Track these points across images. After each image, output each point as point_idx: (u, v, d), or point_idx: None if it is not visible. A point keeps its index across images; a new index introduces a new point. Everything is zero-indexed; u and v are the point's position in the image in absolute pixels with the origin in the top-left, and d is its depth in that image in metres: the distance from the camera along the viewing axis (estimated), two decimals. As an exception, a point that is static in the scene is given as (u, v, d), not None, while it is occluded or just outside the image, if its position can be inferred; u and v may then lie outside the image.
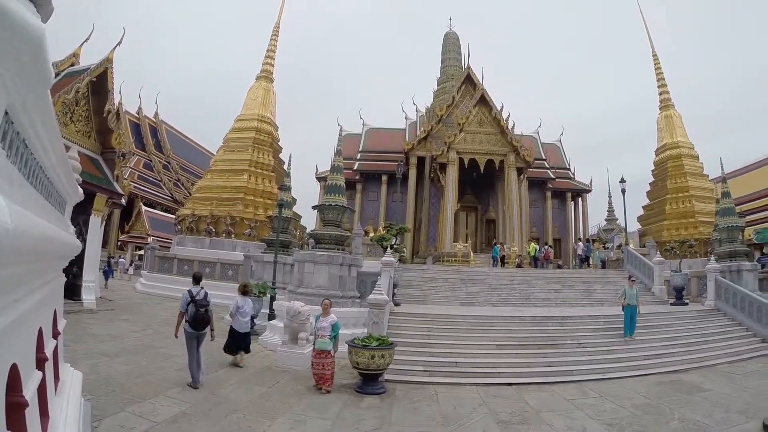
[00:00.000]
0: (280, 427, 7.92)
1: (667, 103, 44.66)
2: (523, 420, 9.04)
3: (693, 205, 39.29)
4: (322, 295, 15.65)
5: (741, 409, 9.99)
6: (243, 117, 37.89)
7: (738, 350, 16.78)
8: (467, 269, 28.94)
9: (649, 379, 13.03)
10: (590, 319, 17.96)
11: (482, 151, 39.69)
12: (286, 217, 24.13)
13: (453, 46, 52.69)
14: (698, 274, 25.51)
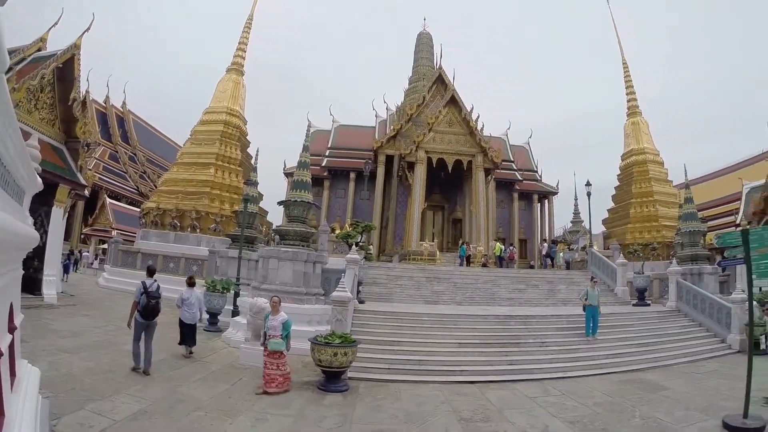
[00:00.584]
0: (241, 425, 7.89)
1: (634, 110, 45.38)
2: (486, 418, 9.11)
3: (657, 210, 39.99)
4: (286, 292, 15.61)
5: (701, 407, 10.19)
6: (211, 110, 37.30)
7: (698, 350, 17.19)
8: (433, 268, 29.04)
9: (611, 378, 13.25)
10: (553, 318, 18.24)
11: (451, 151, 39.78)
12: (252, 213, 23.94)
13: (426, 46, 52.70)
14: (660, 276, 26.05)
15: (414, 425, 8.49)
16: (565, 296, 25.07)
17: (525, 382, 12.41)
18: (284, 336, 10.38)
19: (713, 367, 14.90)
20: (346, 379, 11.10)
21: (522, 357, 14.21)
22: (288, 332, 10.53)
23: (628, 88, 46.46)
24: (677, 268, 23.37)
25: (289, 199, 17.72)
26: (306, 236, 17.52)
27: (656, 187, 41.57)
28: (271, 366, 10.08)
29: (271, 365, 10.08)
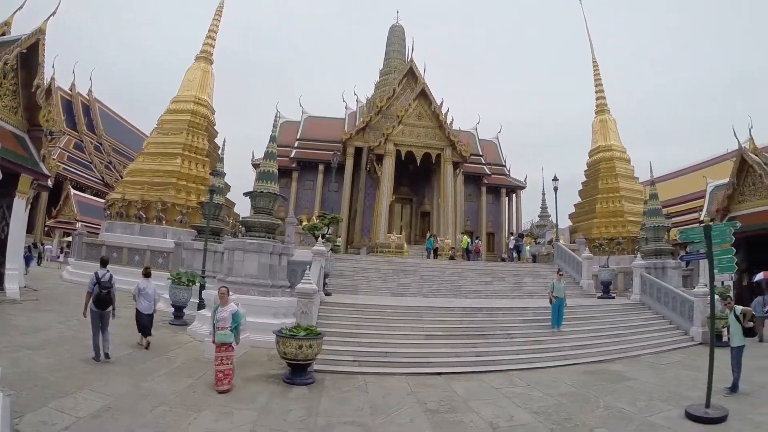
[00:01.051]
0: (205, 419, 7.79)
1: (603, 107, 45.94)
2: (451, 409, 9.17)
3: (622, 205, 40.60)
4: (251, 284, 15.51)
5: (664, 397, 10.39)
6: (179, 98, 36.52)
7: (661, 342, 17.55)
8: (400, 260, 29.06)
9: (575, 369, 13.45)
10: (519, 310, 18.42)
11: (420, 144, 39.84)
12: (218, 204, 23.65)
13: (398, 39, 52.47)
14: (625, 270, 26.46)
15: (379, 417, 8.47)
16: (531, 289, 25.27)
17: (491, 373, 12.51)
18: (234, 328, 10.05)
19: (677, 359, 15.19)
20: (311, 371, 11.04)
21: (488, 348, 14.30)
22: (238, 324, 10.19)
23: (597, 87, 47.02)
24: (641, 262, 23.89)
25: (255, 190, 17.52)
26: (272, 228, 17.40)
27: (622, 183, 42.22)
28: (218, 360, 9.72)
29: (218, 359, 9.70)
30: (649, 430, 8.25)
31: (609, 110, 45.72)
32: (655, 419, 8.81)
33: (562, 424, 8.43)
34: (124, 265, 25.27)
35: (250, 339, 13.43)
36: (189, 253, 22.90)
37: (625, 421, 8.72)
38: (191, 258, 22.31)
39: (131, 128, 79.91)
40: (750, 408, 9.54)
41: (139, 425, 7.27)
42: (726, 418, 8.66)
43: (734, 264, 9.59)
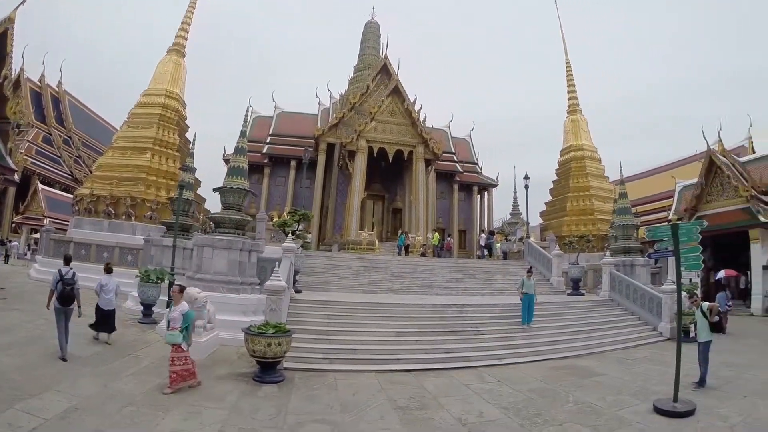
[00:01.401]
0: (173, 419, 7.68)
1: (575, 107, 46.54)
2: (421, 406, 9.17)
3: (593, 204, 41.15)
4: (221, 281, 15.37)
5: (632, 392, 10.51)
6: (150, 92, 35.93)
7: (630, 338, 17.77)
8: (371, 257, 29.00)
9: (545, 365, 13.54)
10: (489, 307, 18.50)
11: (392, 141, 39.81)
12: (188, 200, 23.28)
13: (373, 35, 52.28)
14: (594, 267, 26.81)
15: (349, 414, 8.44)
16: (501, 286, 25.44)
17: (461, 369, 12.56)
18: (184, 328, 9.67)
19: (645, 354, 15.39)
20: (281, 369, 10.98)
21: (458, 345, 14.33)
22: (188, 324, 9.79)
23: (570, 87, 47.60)
24: (611, 259, 24.19)
25: (225, 186, 17.39)
26: (242, 224, 17.28)
27: (593, 182, 42.79)
28: (170, 361, 9.42)
29: (169, 360, 9.43)
30: (617, 425, 8.29)
31: (581, 110, 46.31)
32: (623, 413, 8.90)
33: (531, 420, 8.47)
34: (93, 263, 24.70)
35: (220, 337, 13.34)
36: (158, 249, 22.52)
37: (594, 415, 8.79)
38: (160, 255, 21.96)
39: (101, 121, 78.38)
40: (717, 402, 9.67)
41: (107, 426, 7.15)
42: (694, 411, 8.78)
43: (701, 262, 9.71)
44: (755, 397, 10.07)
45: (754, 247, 29.60)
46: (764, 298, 27.90)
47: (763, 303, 27.77)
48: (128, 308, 18.04)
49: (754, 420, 8.52)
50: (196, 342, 11.81)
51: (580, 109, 46.47)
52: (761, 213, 29.63)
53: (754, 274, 29.27)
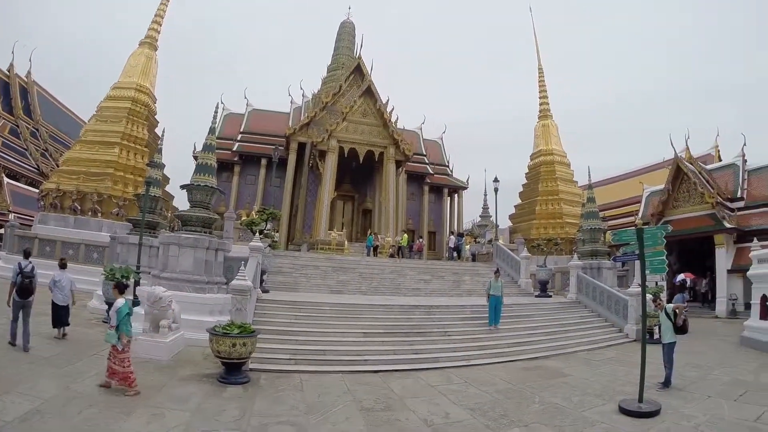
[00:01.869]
0: (136, 421, 7.51)
1: (546, 113, 47.19)
2: (387, 407, 9.14)
3: (561, 208, 41.71)
4: (187, 281, 15.14)
5: (598, 392, 10.62)
6: (120, 85, 35.28)
7: (597, 339, 18.02)
8: (339, 257, 28.96)
9: (512, 366, 13.63)
10: (457, 308, 18.63)
11: (363, 142, 39.74)
12: (155, 196, 22.98)
13: (348, 35, 51.99)
14: (562, 269, 27.19)
15: (314, 416, 8.37)
16: (470, 287, 25.59)
17: (428, 370, 12.56)
18: (118, 326, 9.03)
19: (611, 355, 15.57)
20: (246, 370, 10.85)
21: (426, 346, 14.37)
22: (118, 323, 9.03)
23: (542, 93, 48.24)
24: (578, 262, 24.54)
25: (192, 183, 17.12)
26: (209, 222, 17.04)
27: (562, 186, 43.37)
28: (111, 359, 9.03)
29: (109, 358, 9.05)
30: (583, 425, 8.34)
31: (552, 116, 46.93)
32: (589, 414, 8.97)
33: (497, 421, 8.47)
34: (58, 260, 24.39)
35: (186, 337, 13.13)
36: (124, 247, 22.17)
37: (560, 416, 8.82)
38: (126, 253, 21.61)
39: (70, 114, 76.39)
40: (682, 402, 9.79)
41: (68, 428, 6.97)
42: (659, 412, 8.88)
43: (665, 266, 9.82)
44: (719, 397, 10.20)
45: (719, 252, 30.29)
46: (729, 301, 28.51)
47: (727, 306, 28.39)
48: (93, 307, 17.71)
49: (718, 420, 8.60)
50: (160, 342, 11.68)
51: (551, 115, 47.10)
52: (726, 219, 30.42)
53: (718, 278, 29.96)
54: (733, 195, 33.61)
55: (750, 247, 21.82)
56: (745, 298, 25.04)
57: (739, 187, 33.82)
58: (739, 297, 27.99)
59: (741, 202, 32.89)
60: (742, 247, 28.86)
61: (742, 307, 26.65)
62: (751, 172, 34.48)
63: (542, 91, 48.38)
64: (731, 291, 28.82)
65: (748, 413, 8.96)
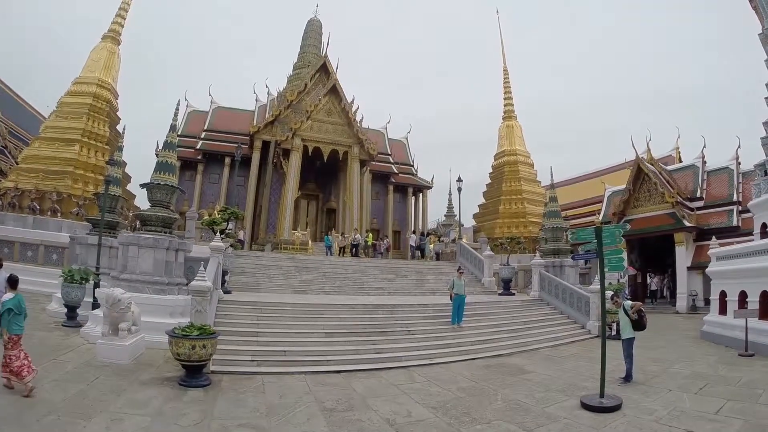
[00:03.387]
0: (96, 426, 7.33)
1: (510, 114, 47.79)
2: (349, 407, 9.11)
3: (524, 207, 42.28)
4: (147, 282, 14.87)
5: (561, 388, 10.77)
6: (81, 80, 34.43)
7: (560, 335, 18.31)
8: (302, 257, 28.72)
9: (476, 363, 13.75)
10: (420, 307, 18.66)
11: (327, 141, 39.64)
12: (115, 195, 22.53)
13: (315, 33, 51.48)
14: (525, 268, 27.55)
15: (275, 418, 8.30)
16: (433, 286, 25.67)
17: (391, 370, 12.60)
18: None
19: (574, 351, 15.81)
20: (207, 372, 10.71)
21: (389, 345, 14.38)
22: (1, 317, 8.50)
23: (506, 94, 48.84)
24: (540, 260, 24.97)
25: (152, 182, 16.78)
26: (169, 222, 16.72)
27: (525, 186, 43.96)
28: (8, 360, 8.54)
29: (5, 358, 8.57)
30: (545, 421, 8.40)
31: (516, 116, 47.41)
32: (551, 410, 9.07)
33: (459, 419, 8.50)
34: (16, 262, 23.56)
35: (146, 340, 12.87)
36: (84, 248, 21.64)
37: (522, 412, 8.90)
38: (86, 254, 21.12)
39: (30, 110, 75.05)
40: (643, 396, 9.96)
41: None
42: (620, 406, 9.02)
43: (623, 264, 9.97)
44: (680, 391, 10.40)
45: (679, 250, 31.08)
46: (689, 297, 29.22)
47: (687, 302, 29.24)
48: (52, 311, 17.31)
49: (679, 413, 8.73)
50: (119, 345, 11.44)
51: (516, 116, 47.66)
52: (686, 218, 31.26)
53: (679, 275, 30.93)
54: (693, 195, 34.63)
55: (709, 245, 22.28)
56: (705, 294, 25.72)
57: (699, 187, 34.92)
58: (699, 293, 28.67)
59: (700, 202, 33.91)
60: (701, 245, 29.60)
61: (702, 303, 27.28)
62: (711, 172, 35.66)
63: (507, 93, 48.92)
64: (691, 287, 29.62)
65: (708, 406, 9.11)
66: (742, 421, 8.13)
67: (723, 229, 30.40)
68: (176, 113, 18.42)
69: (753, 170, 23.14)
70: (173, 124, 17.90)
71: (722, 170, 35.14)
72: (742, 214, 30.38)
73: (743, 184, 32.32)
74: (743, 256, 17.46)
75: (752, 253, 16.90)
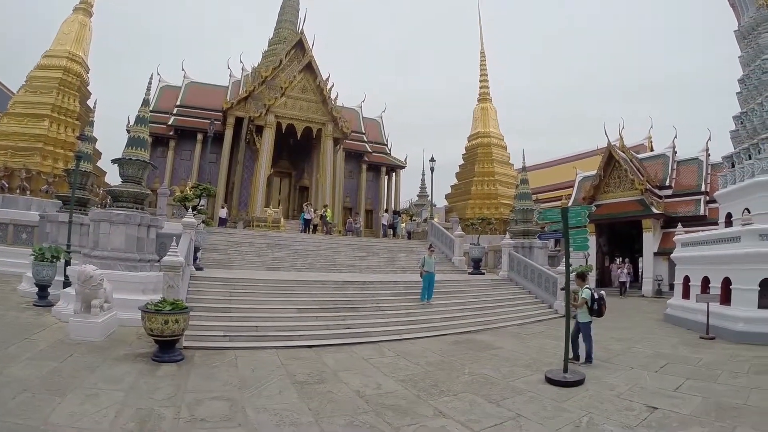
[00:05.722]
0: (71, 402, 7.33)
1: (485, 96, 48.03)
2: (320, 380, 9.24)
3: (497, 189, 42.75)
4: (118, 258, 14.76)
5: (526, 363, 11.07)
6: (52, 53, 33.74)
7: (527, 314, 18.72)
8: (275, 234, 28.77)
9: (445, 339, 14.01)
10: (391, 284, 18.93)
11: (301, 118, 39.49)
12: (85, 172, 22.18)
13: (291, 8, 50.51)
14: (495, 248, 27.98)
15: (248, 391, 8.39)
16: (404, 264, 25.91)
17: (362, 345, 12.77)
18: None
19: (540, 329, 16.17)
20: (180, 348, 10.75)
21: (359, 321, 14.61)
22: None
23: (483, 77, 49.07)
24: (510, 241, 25.26)
25: (123, 158, 16.46)
26: (141, 198, 16.51)
27: (498, 168, 44.41)
28: None
29: None
30: (510, 394, 8.62)
31: (491, 99, 47.55)
32: (517, 384, 9.31)
33: (427, 391, 8.68)
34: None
35: (119, 317, 12.81)
36: (54, 226, 21.31)
37: (488, 386, 9.12)
38: (56, 232, 20.81)
39: (1, 86, 73.64)
40: (606, 373, 10.29)
41: (2, 414, 6.76)
42: (583, 381, 9.33)
43: (587, 243, 10.21)
44: (641, 369, 10.74)
45: (647, 236, 31.80)
46: (655, 281, 29.94)
47: (653, 286, 30.01)
48: (23, 290, 17.17)
49: (639, 389, 9.03)
50: (92, 322, 11.43)
51: (491, 98, 47.89)
52: (654, 205, 31.97)
53: (645, 260, 31.74)
54: (662, 183, 35.39)
55: (675, 231, 22.76)
56: (670, 279, 26.27)
57: (668, 176, 35.74)
58: (664, 278, 29.35)
59: (669, 190, 34.72)
60: (668, 232, 30.31)
61: (667, 287, 27.91)
62: (680, 162, 36.52)
63: (483, 75, 49.14)
64: (657, 272, 30.36)
65: (668, 384, 9.42)
66: (700, 398, 8.41)
67: (690, 217, 31.09)
68: (149, 88, 18.18)
69: (721, 162, 23.61)
70: (145, 98, 17.63)
71: (692, 161, 36.00)
72: (709, 204, 31.18)
73: (712, 175, 33.16)
74: (707, 244, 17.95)
75: (716, 241, 17.38)
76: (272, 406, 7.53)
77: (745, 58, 22.14)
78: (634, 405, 8.02)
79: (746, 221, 16.79)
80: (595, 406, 7.94)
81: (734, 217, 19.82)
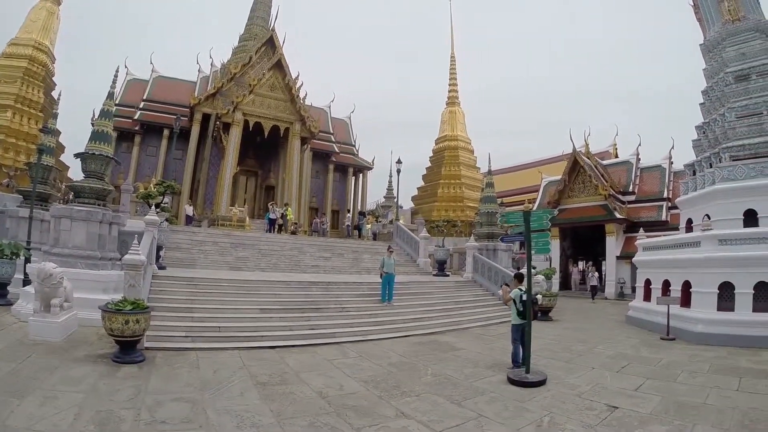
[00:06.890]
0: (30, 404, 7.16)
1: (454, 100, 48.41)
2: (283, 381, 9.21)
3: (463, 192, 43.12)
4: (79, 256, 14.47)
5: (489, 364, 11.16)
6: (17, 41, 32.67)
7: (490, 316, 18.96)
8: (239, 233, 28.55)
9: (408, 340, 14.09)
10: (354, 285, 19.03)
11: (269, 116, 39.30)
12: (48, 166, 21.75)
13: (263, 5, 49.80)
14: (460, 250, 28.09)
15: (209, 392, 8.32)
16: (369, 265, 25.89)
17: (325, 345, 12.78)
18: None
19: (503, 331, 16.15)
20: (142, 349, 10.60)
21: (323, 322, 14.59)
22: None
23: (452, 80, 49.37)
24: (474, 243, 25.56)
25: (86, 152, 16.13)
26: (103, 194, 16.20)
27: (464, 171, 44.83)
28: None
29: None
30: (472, 394, 8.70)
31: (459, 103, 47.79)
32: (479, 384, 9.39)
33: (389, 392, 8.70)
34: None
35: (79, 317, 12.56)
36: (14, 221, 20.75)
37: (451, 386, 9.19)
38: (17, 227, 20.29)
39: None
40: (567, 373, 10.45)
41: None
42: (545, 381, 9.45)
43: (549, 246, 10.39)
44: (603, 369, 10.95)
45: (609, 240, 32.43)
46: (617, 284, 30.51)
47: (616, 289, 30.68)
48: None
49: (601, 389, 9.19)
50: (51, 322, 11.19)
51: (459, 102, 48.11)
52: (617, 210, 32.68)
53: (608, 264, 32.38)
54: (626, 189, 36.19)
55: (637, 236, 23.16)
56: (632, 282, 26.74)
57: (632, 182, 36.64)
58: (627, 281, 29.92)
59: (632, 196, 35.53)
60: (630, 237, 30.95)
61: (630, 290, 28.39)
62: (644, 169, 37.43)
63: (452, 79, 49.42)
64: (620, 275, 30.97)
65: (628, 383, 9.60)
66: (660, 397, 8.58)
67: (652, 222, 31.81)
68: (115, 80, 17.79)
69: (683, 170, 24.14)
70: (111, 91, 17.25)
71: (655, 168, 36.92)
72: (671, 210, 32.06)
73: (674, 182, 34.06)
74: (668, 248, 18.38)
75: (677, 245, 17.81)
76: (234, 408, 7.49)
77: (709, 71, 22.69)
78: (595, 404, 8.15)
79: (706, 227, 17.28)
80: (556, 406, 8.03)
81: (695, 222, 20.27)
